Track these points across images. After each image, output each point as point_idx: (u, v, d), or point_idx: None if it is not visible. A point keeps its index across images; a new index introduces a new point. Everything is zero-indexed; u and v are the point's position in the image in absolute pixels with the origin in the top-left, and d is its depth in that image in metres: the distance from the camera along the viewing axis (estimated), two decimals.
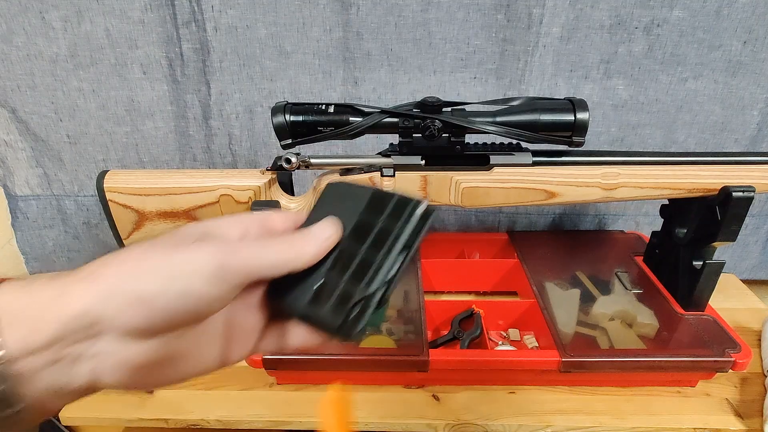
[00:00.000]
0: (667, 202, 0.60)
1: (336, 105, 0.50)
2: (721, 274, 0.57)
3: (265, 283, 0.28)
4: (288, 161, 0.52)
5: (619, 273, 0.65)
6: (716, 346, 0.52)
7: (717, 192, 0.52)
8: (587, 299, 0.61)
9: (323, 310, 0.26)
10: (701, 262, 0.56)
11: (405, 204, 0.26)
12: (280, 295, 0.27)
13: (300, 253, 0.26)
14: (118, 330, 0.22)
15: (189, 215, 0.55)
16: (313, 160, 0.53)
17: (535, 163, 0.53)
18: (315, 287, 0.26)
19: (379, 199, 0.28)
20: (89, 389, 0.24)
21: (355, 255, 0.26)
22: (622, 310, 0.58)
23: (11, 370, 0.21)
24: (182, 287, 0.23)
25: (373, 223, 0.27)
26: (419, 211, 0.26)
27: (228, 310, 0.26)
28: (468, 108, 0.51)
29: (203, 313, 0.24)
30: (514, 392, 0.56)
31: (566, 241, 0.75)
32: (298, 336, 0.28)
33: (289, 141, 0.50)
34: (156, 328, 0.23)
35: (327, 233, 0.27)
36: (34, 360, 0.22)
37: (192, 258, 0.23)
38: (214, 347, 0.27)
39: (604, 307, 0.59)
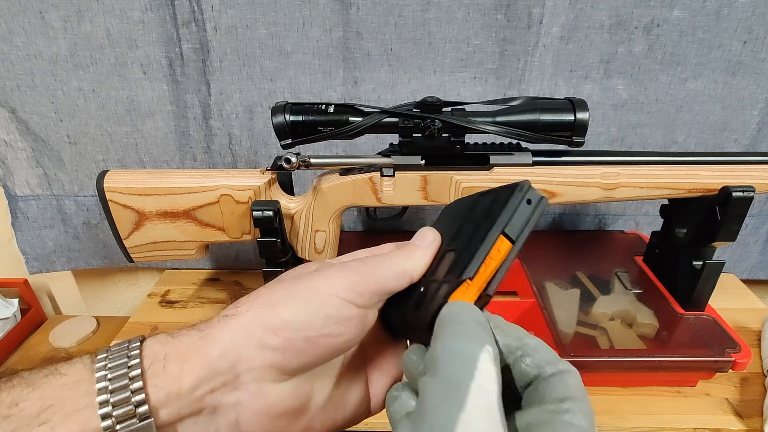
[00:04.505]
0: (667, 202, 0.60)
1: (336, 105, 0.50)
2: (721, 274, 0.57)
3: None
4: (288, 161, 0.52)
5: (619, 273, 0.65)
6: (716, 346, 0.52)
7: (717, 192, 0.52)
8: (587, 299, 0.61)
9: (419, 312, 0.24)
10: (701, 262, 0.56)
11: (502, 191, 0.26)
12: (392, 320, 0.28)
13: (413, 257, 0.26)
14: (257, 368, 0.22)
15: (189, 215, 0.55)
16: (313, 160, 0.53)
17: (535, 163, 0.53)
18: (416, 295, 0.25)
19: (481, 198, 0.28)
20: None
21: (453, 253, 0.25)
22: (622, 310, 0.58)
23: (154, 425, 0.21)
24: (319, 309, 0.23)
25: (472, 222, 0.26)
26: (517, 192, 0.25)
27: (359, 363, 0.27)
28: (468, 108, 0.51)
29: (340, 341, 0.24)
30: None
31: (566, 241, 0.75)
32: None
33: (289, 141, 0.50)
34: (294, 362, 0.23)
35: (429, 237, 0.27)
36: (176, 408, 0.21)
37: (323, 282, 0.24)
38: (348, 398, 0.27)
39: (604, 307, 0.59)
